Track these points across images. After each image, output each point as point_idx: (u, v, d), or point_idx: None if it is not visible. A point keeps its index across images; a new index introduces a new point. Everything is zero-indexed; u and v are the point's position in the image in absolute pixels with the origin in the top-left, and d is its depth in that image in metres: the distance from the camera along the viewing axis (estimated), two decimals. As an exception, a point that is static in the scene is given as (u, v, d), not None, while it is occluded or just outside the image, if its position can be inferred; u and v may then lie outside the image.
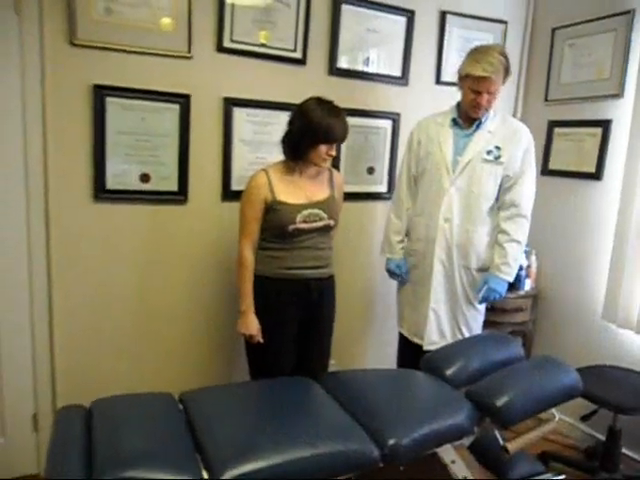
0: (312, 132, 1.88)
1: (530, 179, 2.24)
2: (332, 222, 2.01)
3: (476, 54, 2.13)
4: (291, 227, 1.91)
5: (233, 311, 2.41)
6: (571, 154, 2.76)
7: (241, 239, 1.97)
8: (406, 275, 2.38)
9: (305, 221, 1.92)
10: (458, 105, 2.27)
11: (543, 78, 2.91)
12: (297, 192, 1.96)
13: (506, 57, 2.13)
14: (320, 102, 1.94)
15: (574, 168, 2.74)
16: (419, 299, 2.33)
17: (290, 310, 1.96)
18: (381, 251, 2.46)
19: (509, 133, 2.22)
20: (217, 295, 2.41)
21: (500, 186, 2.22)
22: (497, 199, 2.24)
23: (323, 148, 1.91)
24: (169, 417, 1.52)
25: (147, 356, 2.31)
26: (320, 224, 1.96)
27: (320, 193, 1.99)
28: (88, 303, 2.18)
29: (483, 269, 2.26)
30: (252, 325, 1.94)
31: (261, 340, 1.95)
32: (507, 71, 2.14)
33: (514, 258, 2.22)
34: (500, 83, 2.13)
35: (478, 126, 2.22)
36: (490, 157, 2.19)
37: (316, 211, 1.94)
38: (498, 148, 2.20)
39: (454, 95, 2.28)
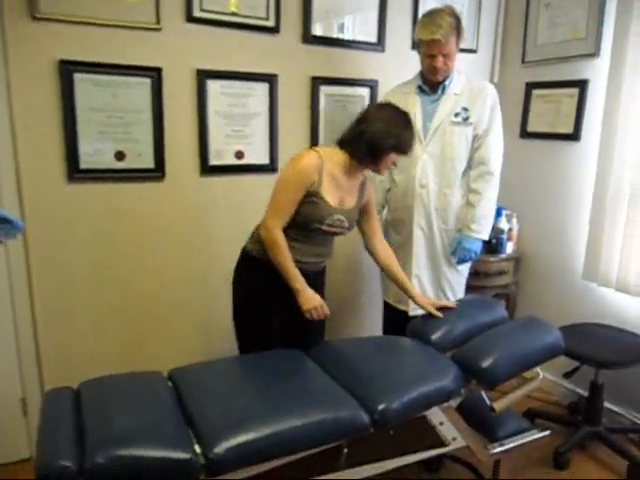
0: (393, 140, 1.79)
1: (497, 136, 2.26)
2: (348, 231, 1.95)
3: (425, 18, 2.14)
4: (315, 225, 1.83)
5: (214, 286, 2.42)
6: (549, 116, 2.76)
7: (271, 218, 1.79)
8: None
9: (329, 224, 1.85)
10: (421, 72, 2.26)
11: (519, 40, 2.89)
12: (336, 192, 1.85)
13: (456, 17, 2.12)
14: (398, 111, 1.85)
15: (552, 130, 2.75)
16: (402, 266, 2.34)
17: (285, 296, 1.87)
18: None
19: (474, 93, 2.23)
20: (198, 271, 2.40)
21: (471, 146, 2.24)
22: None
23: (393, 157, 1.85)
24: (159, 395, 1.51)
25: (131, 335, 2.29)
26: (338, 230, 1.89)
27: (350, 200, 1.91)
28: (68, 285, 2.15)
29: (461, 230, 2.29)
30: (315, 298, 1.83)
31: (327, 312, 1.86)
32: (459, 32, 2.13)
33: (484, 216, 2.25)
34: (453, 44, 2.12)
35: (443, 90, 2.22)
36: (458, 119, 2.20)
37: (342, 218, 1.86)
38: (465, 110, 2.20)
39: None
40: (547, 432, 1.82)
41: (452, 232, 2.30)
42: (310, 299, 1.82)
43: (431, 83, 2.22)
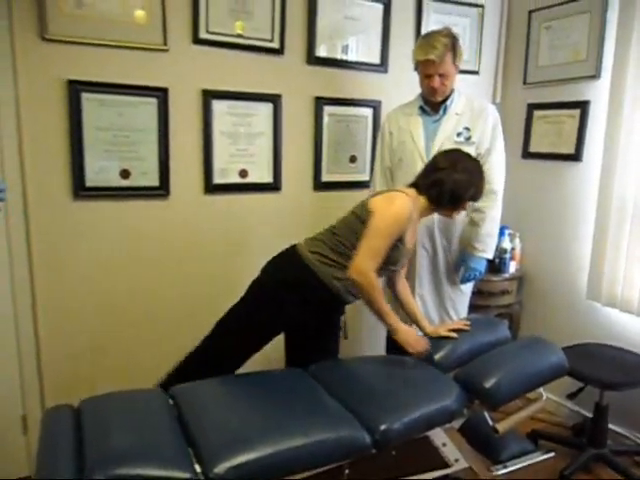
0: (473, 190, 1.83)
1: (499, 155, 2.28)
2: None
3: (421, 40, 2.19)
4: (391, 268, 1.84)
5: (217, 303, 2.41)
6: (551, 136, 2.78)
7: (366, 261, 1.70)
8: None
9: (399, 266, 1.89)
10: (422, 93, 2.29)
11: (521, 61, 2.92)
12: (411, 235, 1.87)
13: (452, 37, 2.14)
14: (475, 161, 1.89)
15: (554, 150, 2.76)
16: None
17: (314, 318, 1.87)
18: None
19: (476, 113, 2.25)
20: (201, 287, 2.40)
21: None
22: None
23: (469, 204, 1.90)
24: (159, 412, 1.50)
25: (133, 352, 2.29)
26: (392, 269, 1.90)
27: (413, 240, 1.94)
28: (71, 302, 2.15)
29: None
30: (413, 332, 1.82)
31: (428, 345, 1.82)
32: (455, 51, 2.15)
33: (489, 234, 2.26)
34: (449, 64, 2.13)
35: (444, 110, 2.24)
36: (461, 139, 2.21)
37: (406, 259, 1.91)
38: (467, 129, 2.22)
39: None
40: (551, 454, 1.80)
41: (455, 251, 2.30)
42: (411, 335, 1.80)
43: (432, 103, 2.24)
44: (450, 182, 1.79)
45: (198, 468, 1.31)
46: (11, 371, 2.09)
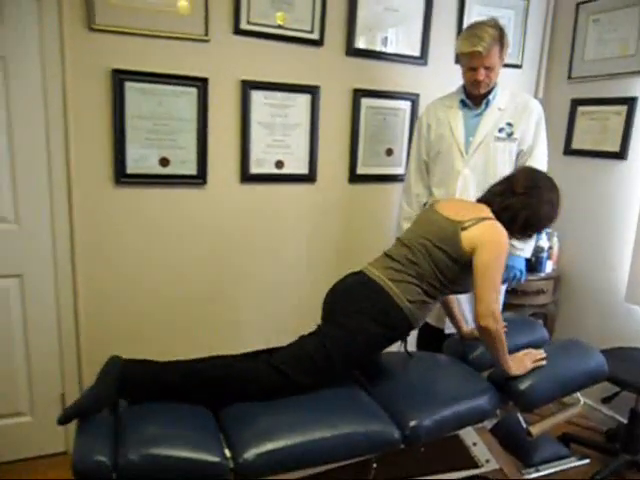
0: (549, 222, 1.74)
1: (542, 153, 2.21)
2: None
3: (466, 31, 2.11)
4: (459, 290, 1.75)
5: (252, 291, 2.45)
6: (595, 133, 2.70)
7: (493, 294, 1.56)
8: None
9: None
10: (464, 86, 2.23)
11: (566, 55, 2.83)
12: None
13: (500, 29, 2.07)
14: (557, 189, 1.75)
15: (598, 147, 2.68)
16: None
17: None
18: (394, 237, 2.44)
19: (519, 108, 2.18)
20: (235, 276, 2.44)
21: (515, 162, 2.20)
22: None
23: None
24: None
25: (169, 337, 2.34)
26: None
27: None
28: (111, 286, 2.21)
29: None
30: (524, 361, 1.66)
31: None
32: (502, 44, 2.08)
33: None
34: (496, 56, 2.07)
35: (487, 104, 2.18)
36: (502, 134, 2.16)
37: None
38: (510, 125, 2.16)
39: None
40: (586, 461, 1.76)
41: None
42: (521, 362, 1.65)
43: (474, 97, 2.19)
44: (526, 211, 1.66)
45: (228, 453, 1.34)
46: (52, 351, 2.17)
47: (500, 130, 2.16)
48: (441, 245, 1.62)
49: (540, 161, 2.20)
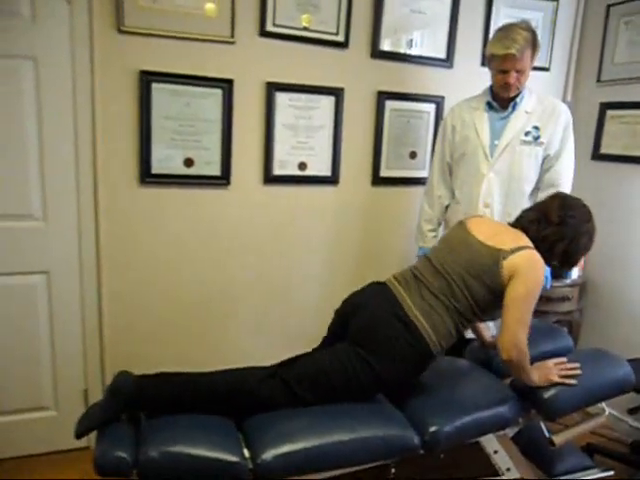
0: (586, 251, 1.70)
1: (569, 158, 2.17)
2: None
3: (499, 33, 2.07)
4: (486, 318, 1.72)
5: (275, 292, 2.46)
6: (624, 137, 2.64)
7: (520, 327, 1.51)
8: None
9: None
10: (491, 88, 2.20)
11: (596, 58, 2.78)
12: None
13: (532, 32, 2.05)
14: (587, 211, 1.71)
15: (627, 152, 2.62)
16: None
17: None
18: (414, 239, 2.44)
19: (547, 112, 2.15)
20: (260, 276, 2.45)
21: (541, 167, 2.16)
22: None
23: None
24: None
25: (192, 338, 2.36)
26: None
27: None
28: (136, 285, 2.24)
29: None
30: (547, 369, 1.63)
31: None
32: (534, 47, 2.05)
33: None
34: (528, 59, 2.05)
35: (514, 107, 2.15)
36: (529, 138, 2.13)
37: None
38: (537, 128, 2.13)
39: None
40: (611, 472, 1.71)
41: None
42: (544, 372, 1.62)
43: (501, 99, 2.16)
44: (563, 243, 1.62)
45: (247, 453, 1.35)
46: (76, 347, 2.20)
47: (527, 134, 2.13)
48: (480, 276, 1.55)
49: (567, 167, 2.17)
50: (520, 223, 1.69)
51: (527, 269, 1.52)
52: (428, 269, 1.64)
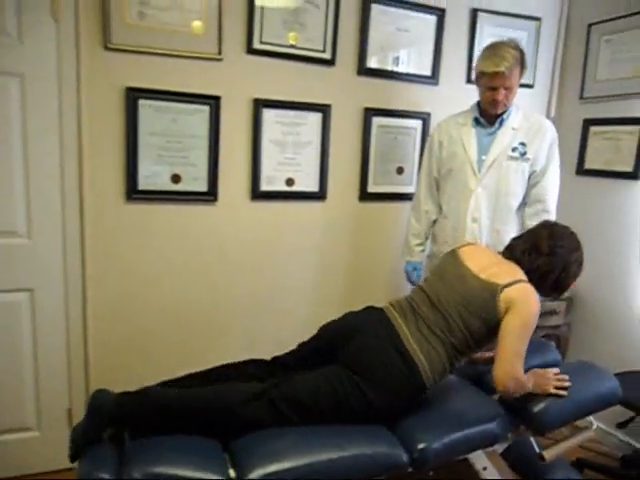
0: (575, 278, 1.74)
1: (555, 174, 2.21)
2: None
3: (489, 50, 2.11)
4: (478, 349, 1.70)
5: (261, 307, 2.44)
6: (607, 153, 2.68)
7: (515, 359, 1.52)
8: (418, 280, 2.35)
9: None
10: (478, 104, 2.23)
11: (578, 75, 2.83)
12: None
13: (520, 50, 2.09)
14: (575, 238, 1.75)
15: (610, 167, 2.66)
16: None
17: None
18: (401, 254, 2.45)
19: (533, 128, 2.18)
20: (248, 293, 2.43)
21: (528, 182, 2.19)
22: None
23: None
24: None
25: (178, 356, 2.33)
26: None
27: None
28: (122, 302, 2.22)
29: None
30: (543, 377, 1.66)
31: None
32: (522, 65, 2.10)
33: None
34: (516, 77, 2.09)
35: (501, 123, 2.18)
36: (516, 154, 2.16)
37: None
38: (523, 144, 2.16)
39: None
40: (599, 487, 1.71)
41: None
42: (540, 380, 1.64)
43: (489, 116, 2.19)
44: (554, 274, 1.65)
45: (232, 473, 1.33)
46: (60, 366, 2.17)
47: (513, 149, 2.16)
48: (477, 310, 1.56)
49: (553, 182, 2.20)
50: (512, 255, 1.70)
51: (522, 302, 1.53)
52: (425, 302, 1.65)
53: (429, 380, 1.54)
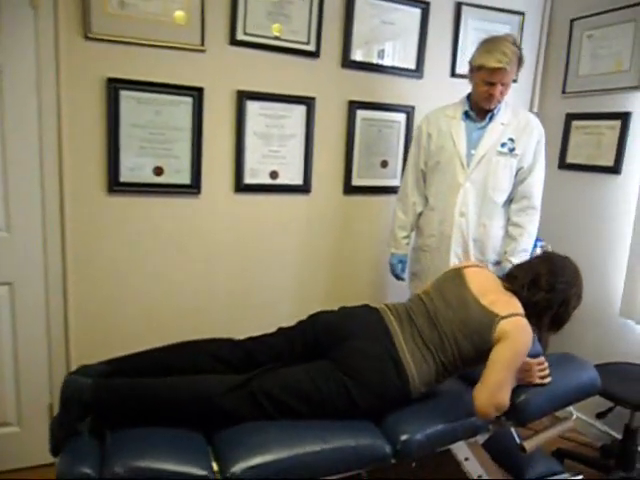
0: (573, 311, 1.74)
1: (541, 170, 2.23)
2: None
3: (488, 45, 2.09)
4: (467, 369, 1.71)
5: (246, 300, 2.44)
6: (589, 147, 2.71)
7: (505, 391, 1.51)
8: (402, 273, 2.38)
9: None
10: (468, 97, 2.23)
11: (561, 70, 2.86)
12: None
13: (519, 47, 2.10)
14: (576, 270, 1.77)
15: (592, 162, 2.69)
16: None
17: None
18: (387, 245, 2.46)
19: (521, 125, 2.19)
20: (230, 285, 2.42)
21: (515, 178, 2.21)
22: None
23: None
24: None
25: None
26: None
27: None
28: (103, 296, 2.19)
29: (499, 262, 2.25)
30: (532, 371, 1.68)
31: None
32: (520, 61, 2.11)
33: (525, 250, 2.22)
34: (514, 73, 2.10)
35: (491, 118, 2.19)
36: (504, 149, 2.17)
37: None
38: (512, 140, 2.17)
39: (469, 88, 2.25)
40: (580, 477, 1.75)
41: (489, 264, 2.24)
42: (530, 377, 1.66)
43: (479, 110, 2.19)
44: (553, 310, 1.66)
45: (215, 466, 1.32)
46: (41, 361, 2.14)
47: (502, 145, 2.17)
48: (472, 335, 1.58)
49: (539, 179, 2.23)
50: (512, 286, 1.69)
51: (515, 335, 1.54)
52: (423, 314, 1.66)
53: (415, 390, 1.56)
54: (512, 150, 2.17)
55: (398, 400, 1.56)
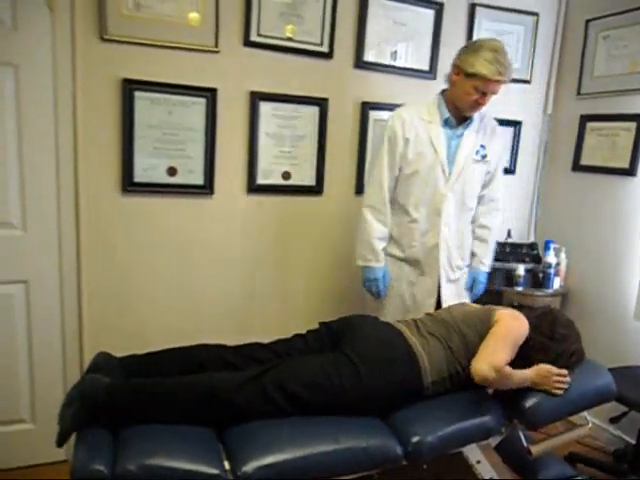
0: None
1: (502, 173, 2.29)
2: None
3: (486, 53, 1.95)
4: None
5: (259, 301, 2.45)
6: (604, 149, 2.68)
7: (501, 355, 1.55)
8: (385, 289, 2.20)
9: None
10: (446, 101, 2.10)
11: (575, 71, 2.83)
12: None
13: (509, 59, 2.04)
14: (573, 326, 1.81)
15: (607, 164, 2.67)
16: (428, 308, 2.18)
17: None
18: (362, 260, 2.19)
19: (489, 130, 2.19)
20: (243, 287, 2.43)
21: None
22: None
23: None
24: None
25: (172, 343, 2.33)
26: None
27: None
28: (116, 295, 2.21)
29: (469, 265, 2.29)
30: (544, 372, 1.64)
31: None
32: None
33: (492, 250, 2.29)
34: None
35: (467, 126, 2.13)
36: (478, 157, 2.15)
37: None
38: (483, 147, 2.16)
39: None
40: (592, 481, 1.72)
41: (465, 268, 2.27)
42: (542, 374, 1.63)
43: (457, 116, 2.11)
44: (550, 356, 1.66)
45: (227, 465, 1.33)
46: (55, 358, 2.17)
47: (476, 152, 2.15)
48: (475, 324, 1.69)
49: (502, 182, 2.28)
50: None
51: (510, 317, 1.67)
52: (427, 318, 1.79)
53: (426, 377, 1.58)
54: (484, 157, 2.16)
55: (410, 390, 1.58)
